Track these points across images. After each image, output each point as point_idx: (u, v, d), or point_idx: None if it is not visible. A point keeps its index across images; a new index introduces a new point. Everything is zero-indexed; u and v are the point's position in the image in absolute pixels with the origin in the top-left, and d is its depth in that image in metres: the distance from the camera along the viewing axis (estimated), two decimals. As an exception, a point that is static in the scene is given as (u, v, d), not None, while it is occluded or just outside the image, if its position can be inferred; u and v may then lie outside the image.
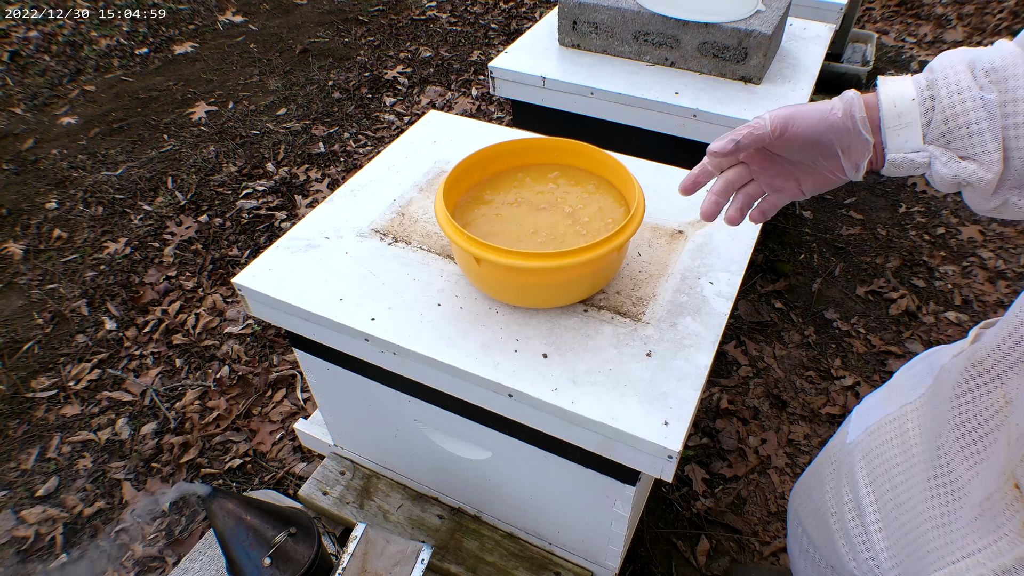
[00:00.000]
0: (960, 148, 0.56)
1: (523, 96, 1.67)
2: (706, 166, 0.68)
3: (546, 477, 1.01)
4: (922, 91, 0.57)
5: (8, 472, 1.62)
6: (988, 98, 0.54)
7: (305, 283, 0.96)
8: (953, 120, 0.55)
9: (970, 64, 0.55)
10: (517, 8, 3.70)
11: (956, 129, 0.55)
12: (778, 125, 0.61)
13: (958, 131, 0.55)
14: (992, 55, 0.54)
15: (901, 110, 0.57)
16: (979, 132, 0.54)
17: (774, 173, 0.67)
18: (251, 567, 0.89)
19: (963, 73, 0.55)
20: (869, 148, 0.59)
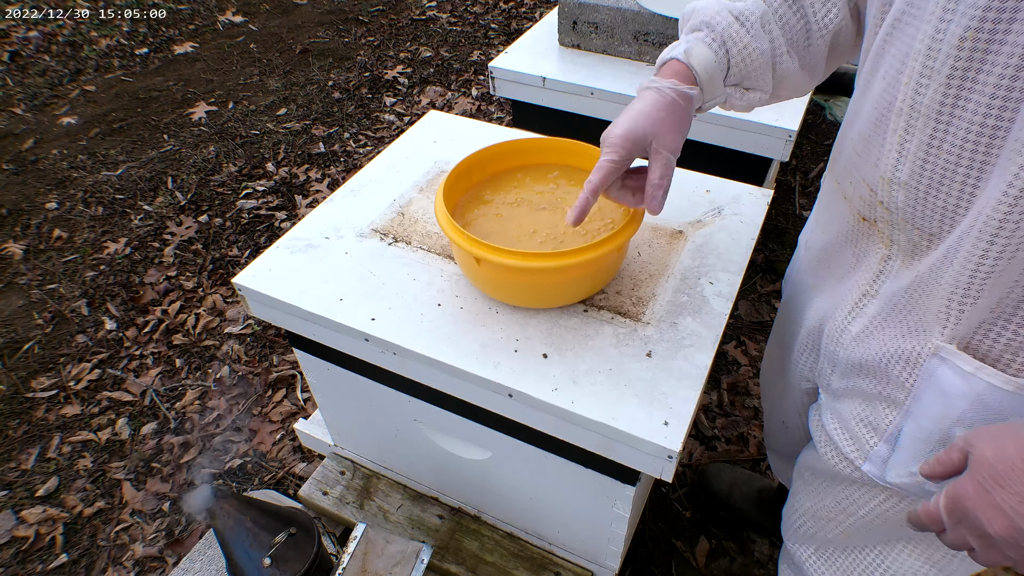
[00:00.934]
0: (747, 84, 0.76)
1: (523, 96, 1.67)
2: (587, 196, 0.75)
3: (546, 477, 1.01)
4: (718, 51, 0.73)
5: (8, 472, 1.62)
6: (764, 47, 0.73)
7: (305, 283, 0.96)
8: (745, 70, 0.74)
9: (736, 18, 0.73)
10: (517, 8, 3.70)
11: (747, 76, 0.75)
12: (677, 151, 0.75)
13: (748, 77, 0.75)
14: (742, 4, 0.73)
15: (711, 74, 0.74)
16: (763, 72, 0.75)
17: None
18: (251, 567, 0.89)
19: (738, 29, 0.73)
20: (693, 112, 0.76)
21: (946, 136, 0.58)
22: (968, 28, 0.52)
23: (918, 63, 0.58)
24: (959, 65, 0.54)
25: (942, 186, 0.60)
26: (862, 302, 0.74)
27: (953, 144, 0.57)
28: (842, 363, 0.77)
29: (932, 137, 0.58)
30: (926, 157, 0.60)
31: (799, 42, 0.76)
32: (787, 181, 2.41)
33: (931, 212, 0.62)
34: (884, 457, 0.73)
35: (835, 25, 0.74)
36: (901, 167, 0.63)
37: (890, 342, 0.70)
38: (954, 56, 0.54)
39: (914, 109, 0.59)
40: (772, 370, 1.07)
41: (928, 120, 0.58)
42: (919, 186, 0.61)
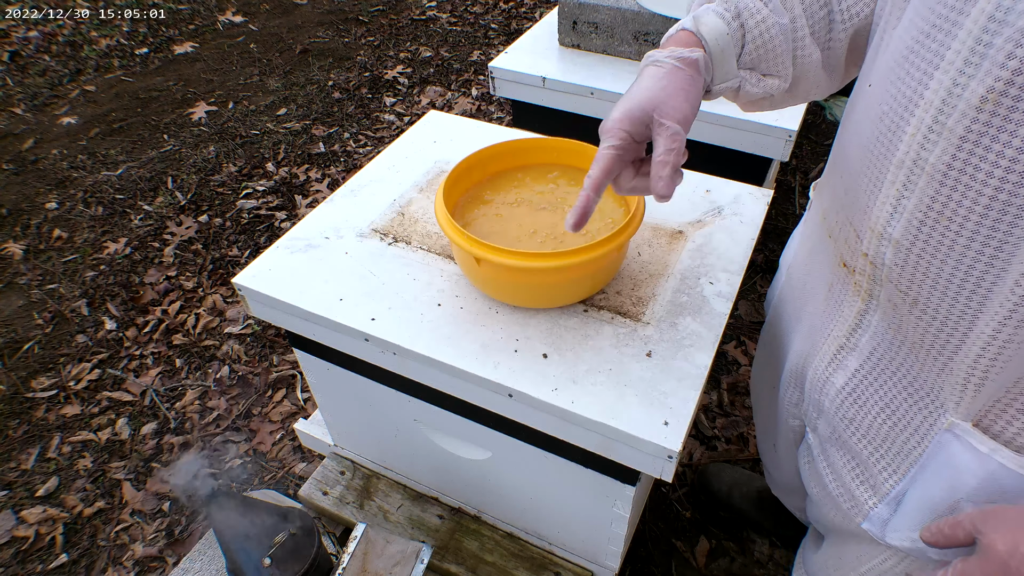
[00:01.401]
0: (764, 68, 0.67)
1: (523, 96, 1.67)
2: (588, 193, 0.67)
3: (546, 477, 1.01)
4: (730, 22, 0.65)
5: (8, 472, 1.62)
6: (785, 23, 0.65)
7: (305, 283, 0.96)
8: (762, 49, 0.66)
9: None
10: (517, 8, 3.70)
11: (764, 58, 0.66)
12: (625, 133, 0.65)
13: (765, 59, 0.67)
14: None
15: (723, 46, 0.65)
16: (783, 54, 0.67)
17: None
18: (251, 567, 0.89)
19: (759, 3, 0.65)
20: None
21: (949, 202, 0.52)
22: (992, 89, 0.47)
23: (928, 115, 0.52)
24: (975, 128, 0.49)
25: (938, 253, 0.55)
26: (840, 355, 0.71)
27: (958, 211, 0.52)
28: (828, 413, 0.75)
29: (934, 200, 0.53)
30: (924, 219, 0.55)
31: (820, 32, 0.69)
32: (787, 181, 2.41)
33: (922, 278, 0.57)
34: (884, 518, 0.70)
35: (860, 19, 0.67)
36: (895, 223, 0.57)
37: (891, 408, 0.66)
38: (971, 117, 0.49)
39: (917, 165, 0.54)
40: (761, 390, 1.04)
41: (932, 180, 0.53)
42: (912, 248, 0.57)
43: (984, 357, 0.54)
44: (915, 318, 0.60)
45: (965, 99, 0.49)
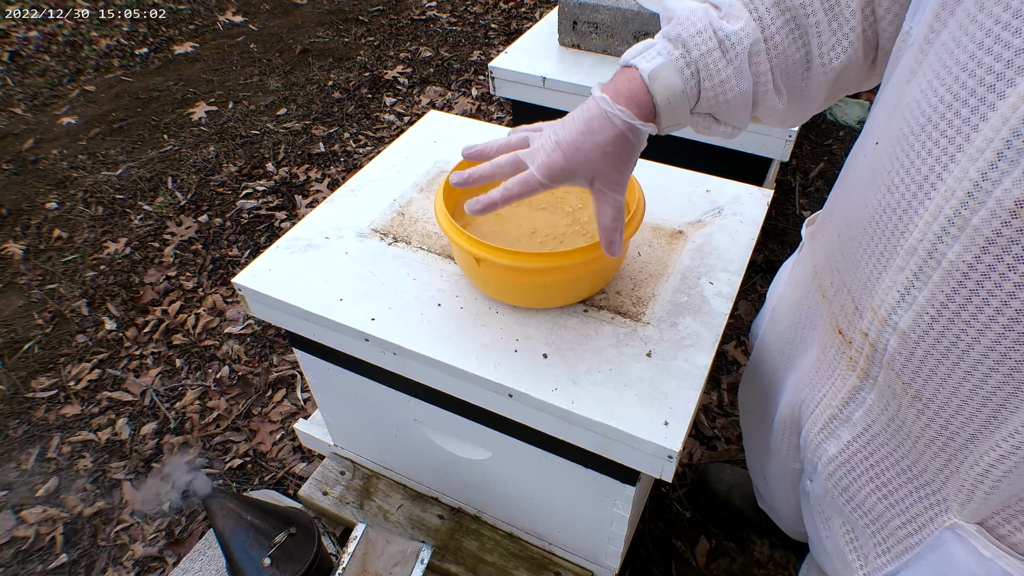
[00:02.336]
0: (721, 117, 0.64)
1: (523, 96, 1.67)
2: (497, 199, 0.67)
3: (546, 477, 1.01)
4: (687, 82, 0.60)
5: (8, 472, 1.62)
6: (745, 89, 0.60)
7: (305, 283, 0.96)
8: (717, 106, 0.62)
9: (720, 44, 0.59)
10: (517, 8, 3.70)
11: (719, 110, 0.62)
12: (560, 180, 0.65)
13: (720, 111, 0.63)
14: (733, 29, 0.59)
15: (674, 105, 0.61)
16: (737, 111, 0.62)
17: None
18: (251, 567, 0.89)
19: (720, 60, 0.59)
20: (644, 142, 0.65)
21: (968, 304, 0.47)
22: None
23: (948, 206, 0.46)
24: (1006, 233, 0.43)
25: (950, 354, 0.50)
26: (833, 424, 0.68)
27: (978, 316, 0.47)
28: (822, 477, 0.72)
29: (950, 299, 0.48)
30: (937, 316, 0.49)
31: (794, 75, 0.63)
32: (787, 181, 2.41)
33: (928, 375, 0.52)
34: None
35: (841, 62, 0.61)
36: (901, 313, 0.53)
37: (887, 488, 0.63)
38: (1002, 220, 0.43)
39: (932, 257, 0.48)
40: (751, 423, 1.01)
41: (950, 277, 0.47)
42: (921, 343, 0.52)
43: (997, 469, 0.51)
44: (916, 412, 0.56)
45: (996, 198, 0.43)
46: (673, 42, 0.60)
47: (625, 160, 0.64)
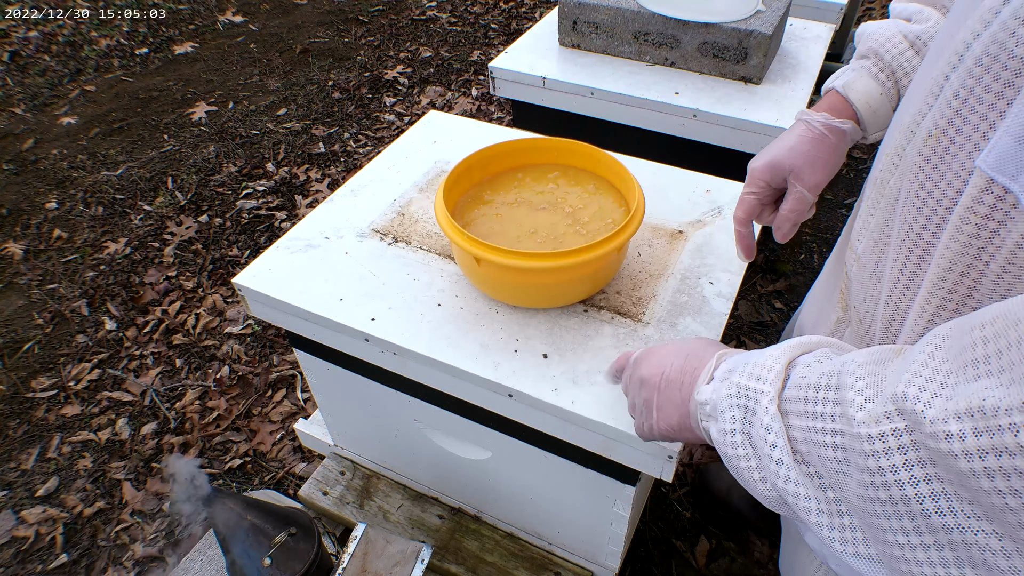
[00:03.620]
0: None
1: (523, 96, 1.67)
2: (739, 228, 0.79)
3: (546, 477, 1.01)
4: (884, 83, 0.68)
5: (8, 472, 1.62)
6: None
7: (305, 283, 0.96)
8: None
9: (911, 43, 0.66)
10: (517, 8, 3.70)
11: None
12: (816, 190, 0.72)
13: None
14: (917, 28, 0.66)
15: (875, 106, 0.69)
16: None
17: None
18: (251, 567, 0.89)
19: (912, 56, 0.66)
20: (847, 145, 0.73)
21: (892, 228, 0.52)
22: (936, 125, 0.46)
23: (896, 139, 0.52)
24: (917, 161, 0.48)
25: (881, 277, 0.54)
26: None
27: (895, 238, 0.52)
28: None
29: (886, 223, 0.53)
30: (877, 240, 0.55)
31: None
32: (787, 181, 2.41)
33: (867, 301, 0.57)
34: None
35: None
36: (861, 240, 0.58)
37: None
38: (917, 149, 0.48)
39: (883, 186, 0.54)
40: None
41: (889, 204, 0.53)
42: (866, 267, 0.57)
43: None
44: (859, 337, 0.61)
45: (920, 129, 0.48)
46: (865, 56, 0.69)
47: (822, 159, 0.71)
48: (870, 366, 0.43)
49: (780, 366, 0.50)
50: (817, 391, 0.45)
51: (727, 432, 0.52)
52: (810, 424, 0.45)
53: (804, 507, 0.46)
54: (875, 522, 0.40)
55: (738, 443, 0.51)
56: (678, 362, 0.62)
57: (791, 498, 0.47)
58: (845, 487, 0.42)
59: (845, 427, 0.41)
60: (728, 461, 0.53)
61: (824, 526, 0.45)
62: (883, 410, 0.39)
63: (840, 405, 0.42)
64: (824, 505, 0.45)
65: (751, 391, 0.50)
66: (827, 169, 0.71)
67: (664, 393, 0.63)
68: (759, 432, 0.48)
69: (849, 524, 0.44)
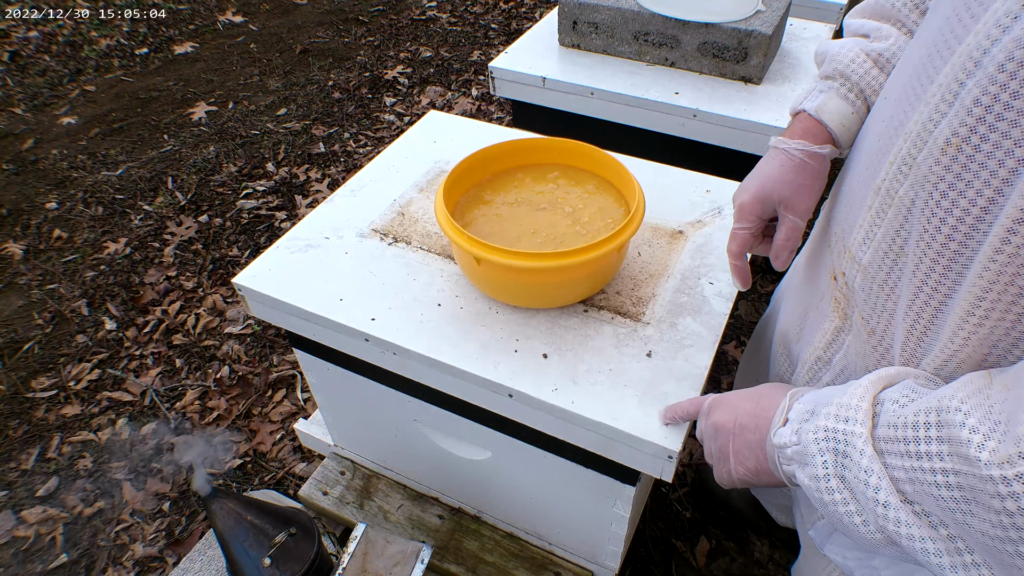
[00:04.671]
0: None
1: (523, 96, 1.67)
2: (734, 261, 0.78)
3: (546, 477, 1.01)
4: (855, 103, 0.68)
5: (8, 472, 1.62)
6: None
7: (305, 283, 0.96)
8: None
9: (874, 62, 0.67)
10: (517, 8, 3.70)
11: None
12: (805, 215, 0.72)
13: None
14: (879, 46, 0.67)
15: (848, 125, 0.69)
16: None
17: None
18: (251, 567, 0.89)
19: (878, 75, 0.67)
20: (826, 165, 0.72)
21: (909, 238, 0.51)
22: (956, 133, 0.45)
23: (905, 147, 0.51)
24: (936, 170, 0.47)
25: (896, 288, 0.53)
26: (816, 367, 0.72)
27: (915, 250, 0.50)
28: None
29: (898, 234, 0.52)
30: (888, 251, 0.54)
31: None
32: (787, 181, 2.41)
33: (880, 311, 0.56)
34: (827, 532, 0.71)
35: None
36: (865, 250, 0.57)
37: None
38: (935, 158, 0.47)
39: (889, 194, 0.53)
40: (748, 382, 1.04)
41: (899, 213, 0.52)
42: (876, 277, 0.56)
43: None
44: (871, 348, 0.60)
45: (935, 137, 0.47)
46: (831, 77, 0.69)
47: (808, 185, 0.71)
48: (973, 399, 0.42)
49: (867, 404, 0.49)
50: (917, 429, 0.44)
51: (820, 478, 0.51)
52: (916, 464, 0.44)
53: (920, 548, 0.45)
54: (1011, 561, 0.40)
55: (833, 488, 0.50)
56: (750, 405, 0.61)
57: (904, 540, 0.46)
58: (967, 526, 0.42)
59: (963, 467, 0.41)
60: (824, 508, 0.52)
61: (946, 566, 0.45)
62: (1016, 451, 0.38)
63: (951, 444, 0.42)
64: (941, 544, 0.45)
65: (841, 433, 0.49)
66: (814, 194, 0.71)
67: (740, 438, 0.62)
68: (858, 475, 0.48)
69: (973, 561, 0.44)
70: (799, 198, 0.71)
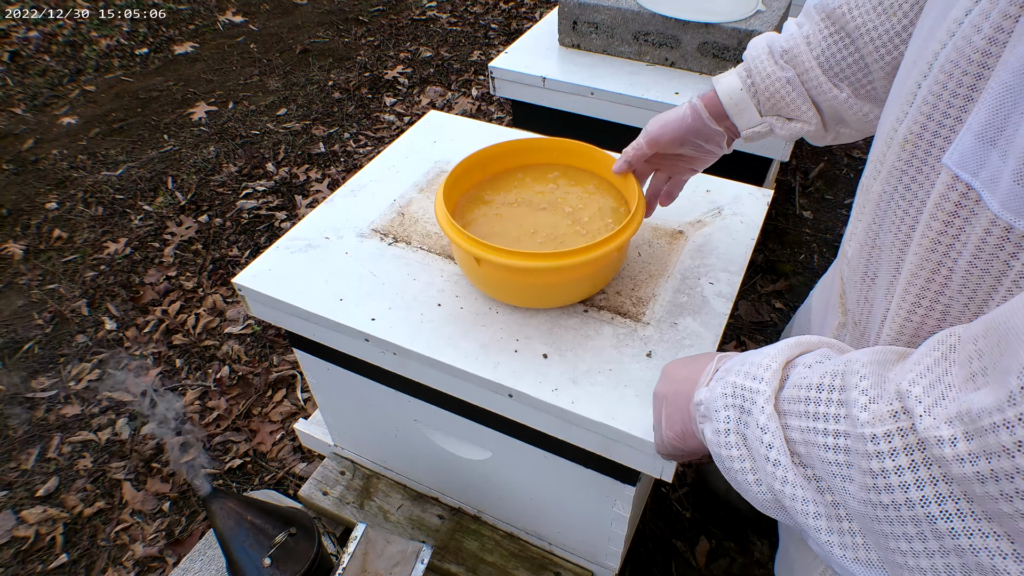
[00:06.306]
0: (787, 113, 0.75)
1: (523, 96, 1.67)
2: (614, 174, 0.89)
3: (546, 477, 1.01)
4: (744, 80, 0.76)
5: (8, 472, 1.62)
6: (789, 76, 0.73)
7: (305, 283, 0.96)
8: (773, 98, 0.75)
9: (770, 50, 0.74)
10: (517, 8, 3.70)
11: (777, 103, 0.75)
12: (652, 142, 0.83)
13: (779, 104, 0.75)
14: (782, 39, 0.74)
15: (736, 100, 0.76)
16: (792, 101, 0.74)
17: (670, 164, 0.88)
18: (251, 567, 0.89)
19: (767, 59, 0.74)
20: (723, 133, 0.79)
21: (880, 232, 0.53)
22: (911, 131, 0.47)
23: (879, 146, 0.53)
24: (898, 166, 0.49)
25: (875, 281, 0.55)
26: None
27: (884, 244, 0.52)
28: None
29: (870, 228, 0.54)
30: (863, 245, 0.56)
31: (854, 73, 0.69)
32: (787, 181, 2.41)
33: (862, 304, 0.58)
34: None
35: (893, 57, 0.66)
36: (851, 243, 0.59)
37: None
38: (896, 154, 0.49)
39: (868, 191, 0.55)
40: None
41: (875, 209, 0.53)
42: (856, 271, 0.58)
43: None
44: (858, 340, 0.61)
45: (899, 135, 0.49)
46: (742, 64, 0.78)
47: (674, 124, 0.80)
48: (873, 366, 0.43)
49: (777, 365, 0.50)
50: (820, 391, 0.44)
51: (721, 432, 0.51)
52: (811, 425, 0.44)
53: (802, 510, 0.46)
54: (878, 527, 0.40)
55: (732, 443, 0.50)
56: (684, 371, 0.63)
57: (788, 501, 0.46)
58: (846, 491, 0.42)
59: (849, 428, 0.41)
60: (721, 463, 0.52)
61: (823, 530, 0.45)
62: (888, 409, 0.38)
63: (845, 406, 0.42)
64: (823, 508, 0.45)
65: (746, 390, 0.50)
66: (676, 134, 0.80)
67: (671, 403, 0.63)
68: (754, 432, 0.48)
69: (849, 528, 0.43)
70: (659, 128, 0.81)
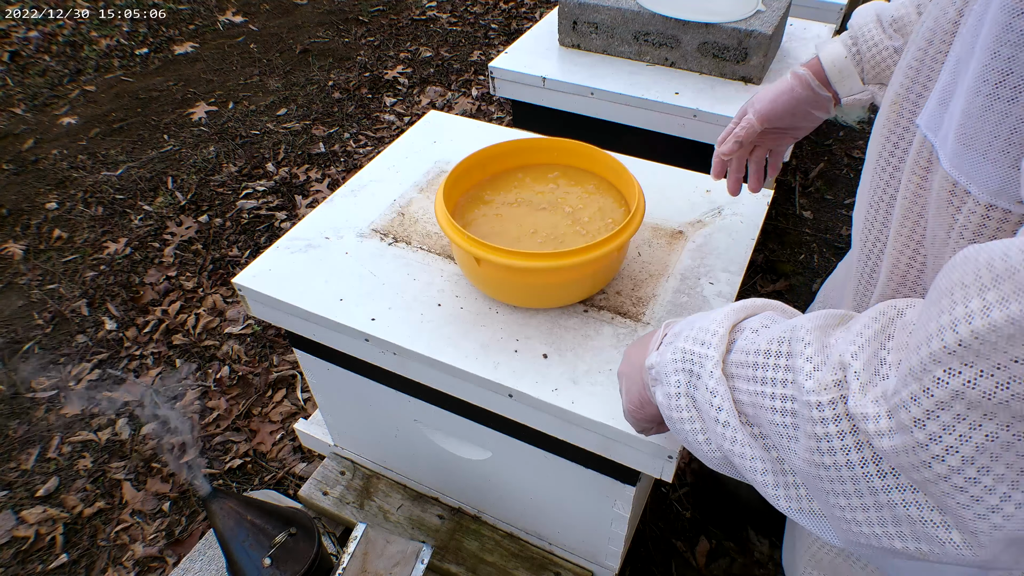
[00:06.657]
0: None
1: (523, 96, 1.67)
2: (720, 158, 0.91)
3: (546, 477, 1.01)
4: (849, 48, 0.77)
5: (8, 472, 1.62)
6: (897, 45, 0.73)
7: (305, 283, 0.96)
8: (878, 67, 0.76)
9: (878, 19, 0.74)
10: (517, 8, 3.70)
11: (882, 72, 0.76)
12: (763, 117, 0.84)
13: (884, 73, 0.76)
14: (892, 8, 0.74)
15: (840, 67, 0.78)
16: None
17: (772, 138, 0.90)
18: (251, 567, 0.89)
19: (875, 28, 0.74)
20: (831, 97, 0.81)
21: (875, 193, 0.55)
22: (897, 94, 0.50)
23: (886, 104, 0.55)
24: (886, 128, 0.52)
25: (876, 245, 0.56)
26: None
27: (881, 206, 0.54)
28: None
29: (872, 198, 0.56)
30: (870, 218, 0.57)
31: None
32: (787, 181, 2.41)
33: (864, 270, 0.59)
34: None
35: None
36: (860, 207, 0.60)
37: None
38: (886, 116, 0.52)
39: (868, 153, 0.57)
40: None
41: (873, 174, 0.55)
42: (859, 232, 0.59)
43: None
44: None
45: (888, 98, 0.52)
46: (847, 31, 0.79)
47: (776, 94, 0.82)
48: (817, 332, 0.44)
49: (724, 330, 0.51)
50: (767, 356, 0.46)
51: (671, 396, 0.53)
52: (759, 389, 0.46)
53: (750, 467, 0.48)
54: (819, 484, 0.42)
55: (682, 406, 0.53)
56: (640, 345, 0.64)
57: (737, 459, 0.49)
58: (791, 450, 0.44)
59: (795, 392, 0.43)
60: (672, 424, 0.54)
61: (769, 484, 0.47)
62: (832, 379, 0.41)
63: (791, 372, 0.44)
64: (770, 464, 0.47)
65: (695, 355, 0.52)
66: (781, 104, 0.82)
67: (630, 378, 0.64)
68: (704, 395, 0.50)
69: (794, 482, 0.46)
70: (764, 102, 0.83)
